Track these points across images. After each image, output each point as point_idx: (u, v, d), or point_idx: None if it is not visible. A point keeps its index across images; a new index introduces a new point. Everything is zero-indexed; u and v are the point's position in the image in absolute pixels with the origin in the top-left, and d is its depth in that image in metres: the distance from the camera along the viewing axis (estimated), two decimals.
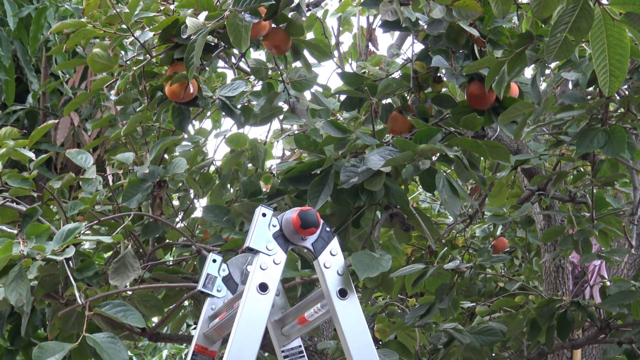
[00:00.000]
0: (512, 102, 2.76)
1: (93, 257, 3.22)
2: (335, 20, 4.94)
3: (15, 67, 5.27)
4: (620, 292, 3.33)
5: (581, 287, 4.04)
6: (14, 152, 3.05)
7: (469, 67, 2.62)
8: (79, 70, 5.11)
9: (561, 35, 1.99)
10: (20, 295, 2.64)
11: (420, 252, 4.24)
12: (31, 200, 3.53)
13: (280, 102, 3.44)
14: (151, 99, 3.09)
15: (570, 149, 3.35)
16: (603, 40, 1.94)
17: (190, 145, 3.67)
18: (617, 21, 1.93)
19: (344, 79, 3.07)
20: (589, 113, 2.73)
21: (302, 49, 3.16)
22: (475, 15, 2.66)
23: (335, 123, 2.84)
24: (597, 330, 3.56)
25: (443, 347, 3.44)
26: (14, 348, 4.72)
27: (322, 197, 2.72)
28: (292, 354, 2.37)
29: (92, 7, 3.13)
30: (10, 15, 4.97)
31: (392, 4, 2.72)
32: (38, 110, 5.29)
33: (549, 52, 2.04)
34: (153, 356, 8.78)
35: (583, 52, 2.83)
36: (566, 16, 1.95)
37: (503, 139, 3.38)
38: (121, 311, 2.65)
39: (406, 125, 2.89)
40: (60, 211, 3.12)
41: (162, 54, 3.00)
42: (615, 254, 3.47)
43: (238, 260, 2.44)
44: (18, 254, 2.63)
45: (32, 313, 4.45)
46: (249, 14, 2.68)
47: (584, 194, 3.57)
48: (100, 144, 4.75)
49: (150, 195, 3.19)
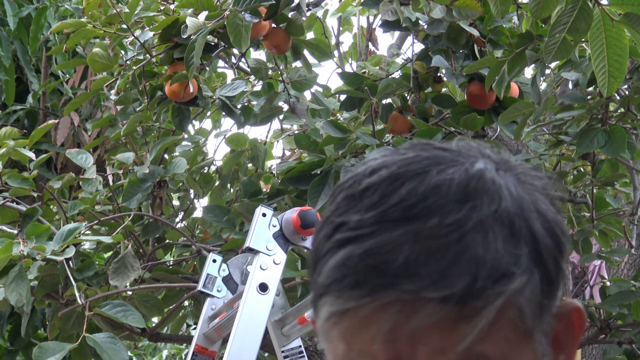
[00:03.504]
0: (512, 102, 2.77)
1: (93, 257, 3.23)
2: (335, 20, 4.94)
3: (15, 67, 5.27)
4: (620, 292, 3.33)
5: (581, 287, 4.04)
6: (14, 152, 3.05)
7: (469, 67, 2.62)
8: (79, 70, 5.11)
9: (560, 36, 1.99)
10: (20, 296, 2.64)
11: None
12: (31, 200, 3.52)
13: (280, 102, 3.44)
14: (151, 99, 3.09)
15: (570, 149, 3.35)
16: (602, 41, 1.94)
17: (190, 145, 3.67)
18: (616, 22, 1.93)
19: (344, 79, 3.07)
20: (589, 113, 2.73)
21: (302, 49, 3.16)
22: (475, 15, 2.66)
23: (335, 123, 2.84)
24: (597, 330, 3.56)
25: None
26: (14, 348, 4.72)
27: (322, 197, 2.72)
28: (292, 354, 2.37)
29: (92, 7, 3.13)
30: (10, 15, 4.97)
31: (392, 4, 2.72)
32: (38, 110, 5.29)
33: (548, 53, 2.04)
34: (153, 356, 8.77)
35: (583, 52, 2.83)
36: (565, 16, 1.95)
37: (503, 139, 3.38)
38: (121, 311, 2.65)
39: (406, 125, 2.89)
40: (60, 211, 3.12)
41: (162, 54, 3.00)
42: (615, 254, 3.47)
43: (238, 260, 2.44)
44: (18, 254, 2.63)
45: (32, 313, 4.45)
46: (249, 14, 2.69)
47: (584, 194, 3.57)
48: (100, 144, 4.75)
49: (150, 195, 3.20)
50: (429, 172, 0.69)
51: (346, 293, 0.67)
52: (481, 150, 0.74)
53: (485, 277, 0.65)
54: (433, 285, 0.64)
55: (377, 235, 0.66)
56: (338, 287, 0.67)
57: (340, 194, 0.72)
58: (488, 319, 0.65)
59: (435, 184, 0.68)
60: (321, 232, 0.71)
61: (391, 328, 0.66)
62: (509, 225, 0.67)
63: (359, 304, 0.66)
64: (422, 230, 0.66)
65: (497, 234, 0.66)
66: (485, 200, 0.68)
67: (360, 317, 0.67)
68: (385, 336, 0.66)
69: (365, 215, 0.68)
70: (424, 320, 0.65)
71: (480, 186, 0.69)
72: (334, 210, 0.71)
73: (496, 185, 0.69)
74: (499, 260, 0.66)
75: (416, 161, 0.71)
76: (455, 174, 0.69)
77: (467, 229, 0.66)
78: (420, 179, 0.69)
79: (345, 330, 0.68)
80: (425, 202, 0.67)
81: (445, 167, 0.70)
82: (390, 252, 0.65)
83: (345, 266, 0.67)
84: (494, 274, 0.65)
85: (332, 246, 0.69)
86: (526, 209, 0.70)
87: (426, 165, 0.70)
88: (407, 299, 0.65)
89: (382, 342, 0.66)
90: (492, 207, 0.68)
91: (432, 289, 0.64)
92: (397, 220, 0.67)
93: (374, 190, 0.69)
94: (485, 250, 0.65)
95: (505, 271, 0.66)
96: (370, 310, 0.66)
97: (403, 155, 0.72)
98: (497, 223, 0.67)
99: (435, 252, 0.65)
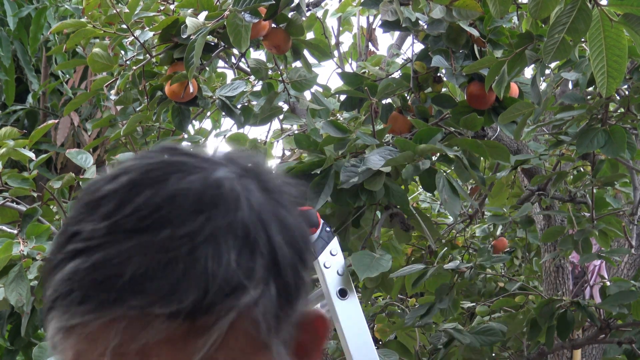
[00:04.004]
0: (512, 102, 2.76)
1: None
2: (335, 20, 4.95)
3: (15, 67, 5.27)
4: (620, 292, 3.33)
5: (581, 287, 4.05)
6: (14, 152, 3.05)
7: (469, 67, 2.62)
8: (79, 70, 5.11)
9: (559, 36, 1.99)
10: (20, 296, 2.64)
11: (420, 252, 4.24)
12: (31, 200, 3.52)
13: (280, 102, 3.44)
14: (151, 99, 3.09)
15: (570, 149, 3.35)
16: (601, 42, 1.94)
17: (190, 145, 3.67)
18: (615, 22, 1.93)
19: (344, 79, 3.07)
20: (589, 113, 2.73)
21: (302, 49, 3.16)
22: (475, 15, 2.66)
23: (335, 123, 2.84)
24: (597, 330, 3.56)
25: (443, 347, 3.45)
26: (14, 348, 4.72)
27: (322, 197, 2.72)
28: None
29: (92, 7, 3.13)
30: (10, 15, 4.97)
31: (392, 4, 2.72)
32: (38, 110, 5.29)
33: (547, 53, 2.04)
34: None
35: (583, 52, 2.83)
36: (564, 17, 1.95)
37: (503, 139, 3.38)
38: None
39: (406, 125, 2.89)
40: (60, 211, 3.12)
41: (162, 54, 3.00)
42: (615, 254, 3.47)
43: None
44: (18, 254, 2.63)
45: (32, 313, 4.44)
46: (249, 14, 2.69)
47: (584, 194, 3.57)
48: (100, 144, 4.76)
49: None
50: (168, 179, 0.67)
51: (72, 308, 0.65)
52: (231, 156, 0.72)
53: (215, 292, 0.64)
54: (160, 300, 0.63)
55: (107, 248, 0.64)
56: (65, 302, 0.65)
57: (81, 200, 0.69)
58: (220, 333, 0.64)
59: (171, 193, 0.66)
60: (56, 241, 0.69)
61: (119, 344, 0.64)
62: (243, 236, 0.66)
63: (84, 320, 0.64)
64: (152, 242, 0.64)
65: (231, 245, 0.65)
66: (221, 210, 0.66)
67: (87, 333, 0.65)
68: (114, 352, 0.64)
69: (99, 225, 0.65)
70: (152, 336, 0.63)
71: (217, 195, 0.67)
72: (72, 218, 0.69)
73: (234, 194, 0.67)
74: (230, 273, 0.64)
75: (158, 167, 0.68)
76: (194, 182, 0.67)
77: (199, 241, 0.64)
78: (158, 187, 0.66)
79: (74, 345, 0.66)
80: (159, 213, 0.65)
81: (186, 175, 0.67)
82: (118, 266, 0.63)
83: (72, 280, 0.65)
84: (225, 288, 0.64)
85: (63, 257, 0.66)
86: (265, 218, 0.68)
87: (167, 172, 0.68)
88: (134, 315, 0.63)
89: (111, 358, 0.64)
90: (227, 218, 0.66)
91: (159, 304, 0.63)
92: (129, 231, 0.64)
93: (111, 198, 0.67)
94: (216, 263, 0.64)
95: (237, 285, 0.64)
96: (97, 327, 0.64)
97: (147, 160, 0.69)
98: (231, 234, 0.65)
99: (164, 266, 0.63)
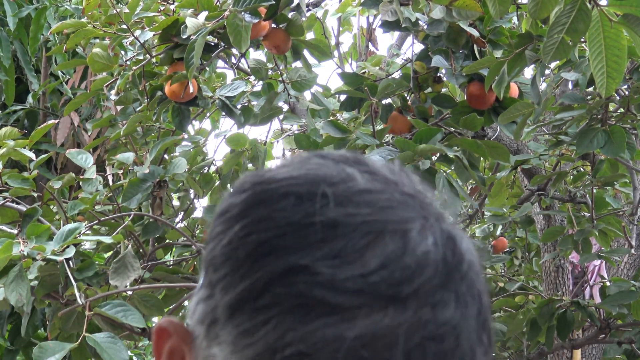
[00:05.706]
0: (512, 102, 2.77)
1: (93, 257, 3.23)
2: (335, 20, 4.95)
3: (15, 67, 5.27)
4: (620, 292, 3.33)
5: (581, 287, 4.05)
6: (14, 152, 3.05)
7: (469, 67, 2.62)
8: (79, 70, 5.11)
9: (558, 37, 1.99)
10: (20, 295, 2.64)
11: None
12: (31, 200, 3.53)
13: (280, 102, 3.44)
14: (151, 99, 3.09)
15: (570, 149, 3.35)
16: (600, 42, 1.94)
17: (190, 145, 3.67)
18: (615, 22, 1.93)
19: (344, 79, 3.07)
20: (589, 113, 2.73)
21: (302, 49, 3.16)
22: (475, 15, 2.66)
23: (335, 123, 2.85)
24: (597, 330, 3.56)
25: None
26: (14, 348, 4.73)
27: None
28: None
29: (92, 7, 3.13)
30: (10, 15, 4.97)
31: (392, 4, 2.72)
32: (38, 110, 5.29)
33: (546, 53, 2.04)
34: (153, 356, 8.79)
35: (583, 53, 2.83)
36: (563, 17, 1.95)
37: (503, 139, 3.38)
38: (121, 311, 2.65)
39: (406, 125, 2.89)
40: (60, 211, 3.12)
41: (162, 54, 3.00)
42: (615, 254, 3.47)
43: None
44: (18, 254, 2.63)
45: (32, 313, 4.45)
46: (249, 14, 2.69)
47: (584, 194, 3.57)
48: (100, 144, 4.75)
49: (150, 195, 3.20)
50: (409, 230, 0.55)
51: None
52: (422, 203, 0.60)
53: None
54: None
55: (368, 315, 0.53)
56: None
57: (285, 208, 0.56)
58: None
59: (420, 257, 0.55)
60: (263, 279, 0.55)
61: None
62: (485, 329, 0.57)
63: None
64: (416, 322, 0.53)
65: (477, 341, 0.56)
66: (465, 290, 0.56)
67: None
68: None
69: (343, 273, 0.53)
70: None
71: (456, 263, 0.56)
72: (278, 236, 0.55)
73: (469, 264, 0.57)
74: None
75: (395, 207, 0.57)
76: (430, 239, 0.56)
77: (459, 332, 0.55)
78: (403, 240, 0.55)
79: None
80: (412, 282, 0.54)
81: (423, 227, 0.56)
82: (388, 347, 0.52)
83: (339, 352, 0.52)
84: None
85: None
86: (487, 304, 0.58)
87: (405, 218, 0.56)
88: None
89: None
90: (474, 307, 0.56)
91: None
92: (385, 298, 0.53)
93: (352, 231, 0.54)
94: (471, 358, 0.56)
95: None
96: None
97: (383, 182, 0.58)
98: (479, 326, 0.57)
99: (433, 356, 0.54)
